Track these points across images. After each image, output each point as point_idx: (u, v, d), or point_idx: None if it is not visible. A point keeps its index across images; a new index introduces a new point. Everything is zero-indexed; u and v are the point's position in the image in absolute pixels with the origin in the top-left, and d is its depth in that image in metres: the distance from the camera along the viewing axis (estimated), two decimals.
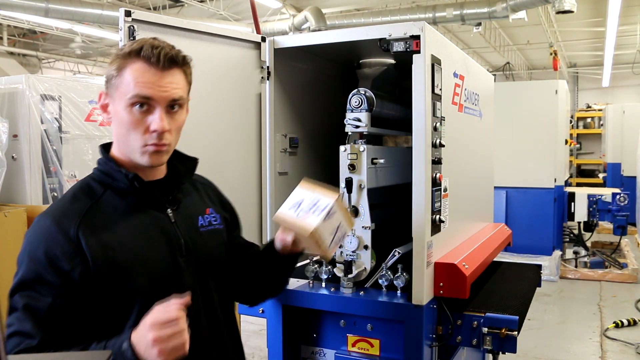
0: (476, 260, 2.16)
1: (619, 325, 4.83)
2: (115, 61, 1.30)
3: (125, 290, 1.28)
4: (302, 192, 1.43)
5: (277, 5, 8.85)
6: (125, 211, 1.34)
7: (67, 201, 1.32)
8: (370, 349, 2.04)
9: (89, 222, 1.28)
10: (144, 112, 1.28)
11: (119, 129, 1.32)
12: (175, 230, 1.39)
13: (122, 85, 1.28)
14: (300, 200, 1.40)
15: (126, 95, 1.27)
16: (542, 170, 6.42)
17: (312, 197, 1.41)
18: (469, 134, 2.53)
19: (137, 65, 1.28)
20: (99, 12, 7.95)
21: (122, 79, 1.28)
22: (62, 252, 1.23)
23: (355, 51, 2.41)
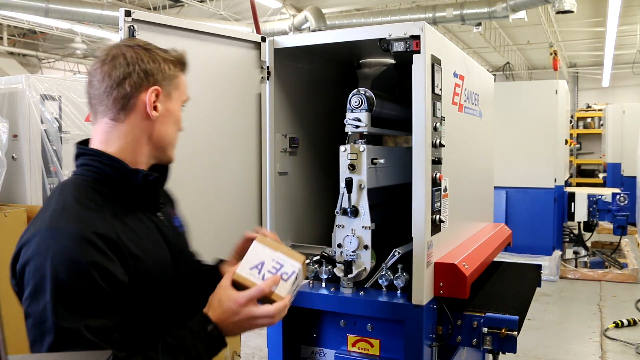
0: (476, 260, 2.16)
1: (619, 325, 4.83)
2: (175, 64, 1.34)
3: (155, 298, 1.27)
4: (261, 252, 1.29)
5: (277, 5, 8.85)
6: (132, 216, 1.27)
7: (75, 207, 1.18)
8: (370, 349, 2.04)
9: (117, 231, 1.19)
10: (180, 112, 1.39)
11: (167, 126, 1.33)
12: (168, 232, 1.37)
13: (181, 87, 1.36)
14: (261, 262, 1.27)
15: (183, 96, 1.37)
16: (542, 170, 6.42)
17: (273, 258, 1.27)
18: (469, 134, 2.53)
19: (180, 72, 1.37)
20: (99, 12, 7.96)
21: (180, 81, 1.36)
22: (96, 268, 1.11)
23: (355, 51, 2.41)
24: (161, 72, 1.30)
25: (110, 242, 1.15)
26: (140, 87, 1.27)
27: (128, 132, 1.28)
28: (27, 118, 3.69)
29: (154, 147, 1.33)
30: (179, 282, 1.35)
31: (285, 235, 2.30)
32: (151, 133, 1.31)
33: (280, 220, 2.26)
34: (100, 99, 1.27)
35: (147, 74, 1.27)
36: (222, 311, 1.23)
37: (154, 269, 1.26)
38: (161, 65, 1.30)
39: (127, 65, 1.26)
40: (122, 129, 1.28)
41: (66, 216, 1.16)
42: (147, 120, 1.29)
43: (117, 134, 1.28)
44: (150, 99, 1.28)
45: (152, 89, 1.28)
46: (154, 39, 1.83)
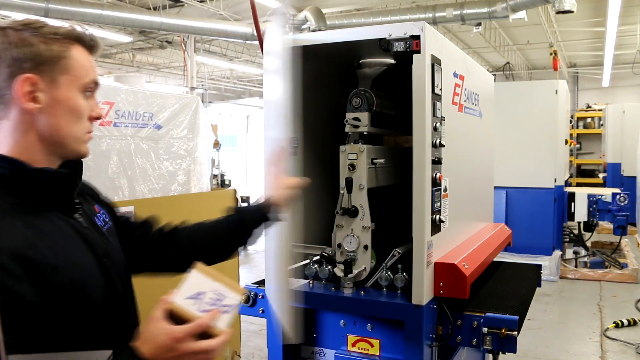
0: (476, 260, 2.16)
1: (619, 325, 4.83)
2: (56, 40, 1.14)
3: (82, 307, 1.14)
4: (200, 281, 1.18)
5: (277, 5, 8.85)
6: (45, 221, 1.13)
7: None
8: (370, 349, 2.04)
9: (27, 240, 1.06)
10: (87, 99, 1.19)
11: (57, 118, 1.14)
12: (89, 234, 1.23)
13: (75, 69, 1.16)
14: (199, 292, 1.16)
15: (82, 79, 1.17)
16: (542, 170, 6.42)
17: (213, 290, 1.17)
18: (469, 134, 2.53)
19: (80, 49, 1.18)
20: (99, 12, 7.96)
21: (74, 61, 1.16)
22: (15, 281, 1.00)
23: (355, 51, 2.41)
24: (38, 56, 1.11)
25: (20, 258, 1.02)
26: (11, 77, 1.10)
27: (12, 130, 1.13)
28: None
29: (48, 143, 1.16)
30: (108, 286, 1.22)
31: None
32: (38, 128, 1.14)
33: None
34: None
35: (18, 60, 1.10)
36: (156, 346, 1.06)
37: (77, 277, 1.13)
38: (39, 48, 1.11)
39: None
40: (4, 127, 1.13)
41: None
42: (27, 113, 1.12)
43: (2, 132, 1.13)
44: (21, 89, 1.10)
45: (22, 78, 1.10)
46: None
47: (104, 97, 4.03)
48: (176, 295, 1.15)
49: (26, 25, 1.13)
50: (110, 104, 4.04)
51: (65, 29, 1.16)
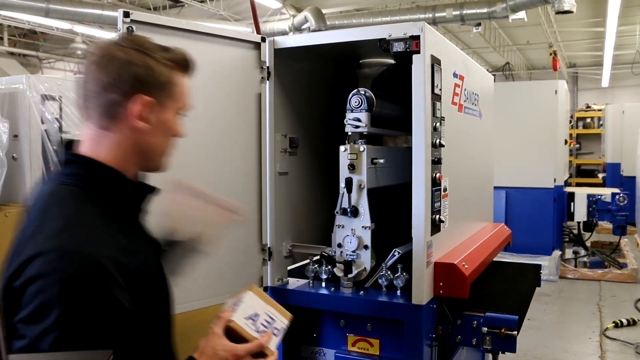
0: (476, 260, 2.17)
1: (619, 325, 4.83)
2: (171, 69, 1.22)
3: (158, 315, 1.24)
4: (255, 303, 1.31)
5: (277, 5, 8.85)
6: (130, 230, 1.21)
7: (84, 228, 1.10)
8: (370, 348, 2.05)
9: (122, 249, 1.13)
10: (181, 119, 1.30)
11: (157, 138, 1.22)
12: (152, 239, 1.34)
13: (177, 94, 1.24)
14: (255, 313, 1.29)
15: (179, 104, 1.25)
16: (541, 170, 6.42)
17: (266, 312, 1.31)
18: (468, 134, 2.53)
19: (182, 74, 1.26)
20: (99, 13, 7.96)
21: (182, 88, 1.25)
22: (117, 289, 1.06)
23: (355, 51, 2.41)
24: (153, 79, 1.18)
25: (120, 267, 1.08)
26: (128, 96, 1.15)
27: (117, 142, 1.19)
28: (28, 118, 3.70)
29: (143, 158, 1.23)
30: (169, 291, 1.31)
31: (285, 236, 2.30)
32: (140, 144, 1.21)
33: (280, 220, 2.26)
34: (88, 102, 1.19)
35: (137, 81, 1.16)
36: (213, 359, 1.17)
37: (154, 285, 1.21)
38: (154, 71, 1.18)
39: (116, 70, 1.15)
40: (110, 138, 1.18)
41: (73, 236, 1.06)
42: (135, 131, 1.18)
43: (106, 142, 1.19)
44: (137, 110, 1.16)
45: (140, 99, 1.16)
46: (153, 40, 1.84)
47: None
48: (235, 314, 1.25)
49: (141, 46, 1.19)
50: None
51: (178, 56, 1.24)
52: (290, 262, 2.32)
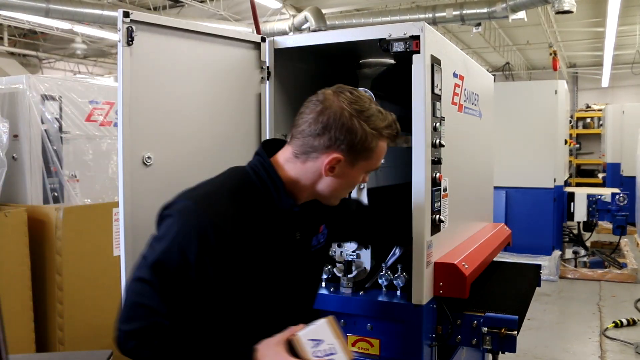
0: (476, 260, 2.17)
1: (619, 325, 4.84)
2: (376, 138, 1.38)
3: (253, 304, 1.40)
4: (324, 331, 1.39)
5: (277, 5, 8.85)
6: (266, 229, 1.39)
7: (227, 199, 1.34)
8: (370, 348, 2.05)
9: (240, 231, 1.32)
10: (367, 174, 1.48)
11: (335, 184, 1.41)
12: (296, 252, 1.49)
13: (373, 159, 1.41)
14: (320, 339, 1.37)
15: (371, 167, 1.43)
16: (541, 170, 6.42)
17: (330, 343, 1.38)
18: (468, 134, 2.53)
19: (383, 143, 1.41)
20: (99, 13, 7.96)
21: (375, 154, 1.40)
22: (211, 259, 1.27)
23: (355, 51, 2.41)
24: (358, 146, 1.35)
25: (226, 238, 1.28)
26: (328, 149, 1.35)
27: (302, 172, 1.39)
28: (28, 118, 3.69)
29: (315, 193, 1.43)
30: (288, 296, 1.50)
31: None
32: (319, 184, 1.41)
33: None
34: (296, 131, 1.39)
35: (340, 141, 1.33)
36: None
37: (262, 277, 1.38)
38: (363, 140, 1.35)
39: (328, 124, 1.32)
40: (299, 166, 1.39)
41: (215, 201, 1.32)
42: (320, 175, 1.39)
43: (293, 166, 1.40)
44: (328, 164, 1.36)
45: (334, 156, 1.35)
46: (153, 40, 1.84)
47: (104, 97, 4.03)
48: (303, 331, 1.35)
49: (363, 112, 1.35)
50: (110, 104, 4.05)
51: (387, 123, 1.39)
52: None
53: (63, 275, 3.19)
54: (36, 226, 3.25)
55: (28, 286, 3.14)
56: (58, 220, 3.21)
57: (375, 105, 1.40)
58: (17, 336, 3.03)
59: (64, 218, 3.20)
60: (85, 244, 3.32)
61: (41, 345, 3.19)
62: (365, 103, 1.37)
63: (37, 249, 3.22)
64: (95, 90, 4.04)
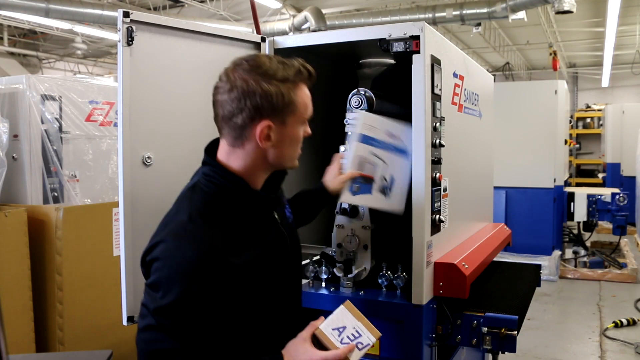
0: (476, 260, 2.16)
1: (619, 325, 4.84)
2: (285, 86, 1.34)
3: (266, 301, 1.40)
4: (345, 317, 1.41)
5: (277, 5, 8.85)
6: (248, 223, 1.39)
7: (200, 224, 1.31)
8: (370, 348, 2.04)
9: (229, 247, 1.31)
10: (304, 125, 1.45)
11: (282, 149, 1.39)
12: (282, 230, 1.49)
13: (299, 109, 1.38)
14: (342, 326, 1.39)
15: (304, 116, 1.41)
16: (541, 170, 6.42)
17: (354, 326, 1.40)
18: (468, 134, 2.53)
19: (302, 86, 1.39)
20: (99, 13, 7.96)
21: (299, 103, 1.37)
22: (212, 286, 1.26)
23: (355, 51, 2.41)
24: (273, 104, 1.33)
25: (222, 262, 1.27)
26: (252, 121, 1.33)
27: (246, 157, 1.38)
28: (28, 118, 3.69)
29: (271, 166, 1.43)
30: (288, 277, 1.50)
31: None
32: (267, 157, 1.39)
33: None
34: (222, 121, 1.38)
35: (258, 109, 1.32)
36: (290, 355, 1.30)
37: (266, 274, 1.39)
38: (273, 97, 1.32)
39: (240, 99, 1.32)
40: (240, 153, 1.38)
41: (190, 231, 1.29)
42: (262, 148, 1.36)
43: (237, 155, 1.38)
44: (261, 133, 1.34)
45: (262, 124, 1.33)
46: (153, 40, 1.84)
47: (104, 97, 4.03)
48: (324, 323, 1.37)
49: (259, 69, 1.33)
50: (110, 104, 4.05)
51: (294, 70, 1.36)
52: None
53: (63, 275, 3.19)
54: (36, 226, 3.25)
55: (28, 286, 3.13)
56: (58, 220, 3.20)
57: (275, 59, 1.37)
58: (17, 336, 3.03)
59: (63, 218, 3.20)
60: (85, 244, 3.32)
61: (41, 345, 3.19)
62: (264, 63, 1.34)
63: (37, 249, 3.22)
64: (95, 90, 4.04)
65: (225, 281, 1.28)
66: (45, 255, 3.23)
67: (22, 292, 3.10)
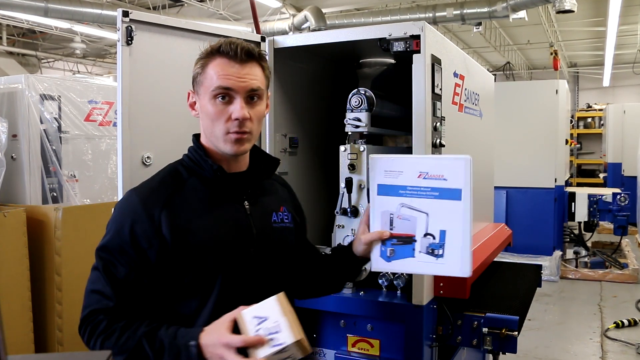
0: (476, 261, 2.15)
1: (620, 326, 4.82)
2: (199, 61, 1.44)
3: (201, 272, 1.40)
4: (272, 308, 1.28)
5: (277, 4, 8.84)
6: (206, 199, 1.45)
7: (155, 183, 1.46)
8: (370, 349, 2.04)
9: (172, 206, 1.40)
10: (225, 103, 1.40)
11: (204, 121, 1.44)
12: (250, 221, 1.48)
13: (206, 81, 1.41)
14: (265, 317, 1.27)
15: (210, 88, 1.40)
16: (542, 170, 6.41)
17: (276, 320, 1.26)
18: (469, 134, 2.52)
19: (217, 60, 1.41)
20: (99, 12, 7.94)
21: (206, 75, 1.41)
22: (143, 232, 1.36)
23: (355, 51, 2.40)
24: (195, 76, 1.45)
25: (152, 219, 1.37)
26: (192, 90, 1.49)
27: (202, 128, 1.49)
28: (27, 118, 3.68)
29: (212, 143, 1.46)
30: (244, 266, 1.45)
31: None
32: (205, 131, 1.47)
33: None
34: None
35: (192, 81, 1.47)
36: (209, 338, 1.28)
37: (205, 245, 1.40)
38: (196, 69, 1.44)
39: None
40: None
41: (145, 185, 1.46)
42: (197, 118, 1.49)
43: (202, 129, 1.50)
44: (188, 98, 1.49)
45: (188, 92, 1.49)
46: (152, 40, 1.84)
47: (103, 97, 4.03)
48: (250, 308, 1.30)
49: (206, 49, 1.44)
50: (110, 104, 4.04)
51: (207, 48, 1.44)
52: None
53: (62, 275, 3.19)
54: (35, 226, 3.24)
55: (27, 286, 3.13)
56: (57, 221, 3.20)
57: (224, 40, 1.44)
58: (16, 336, 3.02)
59: (63, 218, 3.20)
60: (85, 244, 3.31)
61: (40, 346, 3.18)
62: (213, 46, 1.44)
63: (36, 249, 3.21)
64: (95, 89, 4.03)
65: (163, 237, 1.36)
66: (45, 256, 3.23)
67: (21, 292, 3.10)
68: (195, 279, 1.40)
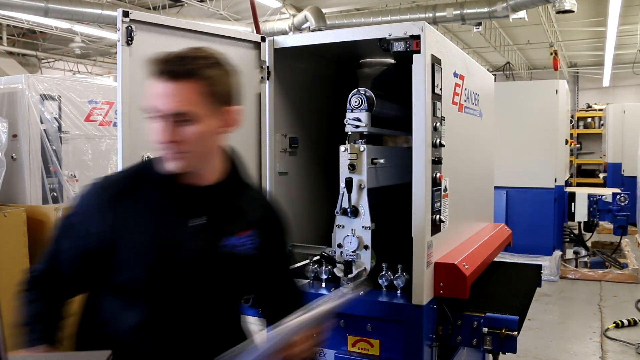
0: (476, 260, 2.16)
1: (619, 326, 4.82)
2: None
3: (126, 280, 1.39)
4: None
5: (277, 5, 8.84)
6: (155, 206, 1.40)
7: (120, 175, 1.53)
8: (370, 349, 2.04)
9: (119, 204, 1.39)
10: (157, 123, 1.32)
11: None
12: (189, 241, 1.38)
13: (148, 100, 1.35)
14: None
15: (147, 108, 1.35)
16: (542, 170, 6.41)
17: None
18: (469, 134, 2.52)
19: (157, 79, 1.32)
20: (99, 12, 7.94)
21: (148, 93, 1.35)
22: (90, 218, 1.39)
23: (355, 51, 2.40)
24: None
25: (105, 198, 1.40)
26: None
27: None
28: (27, 118, 3.69)
29: None
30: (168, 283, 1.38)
31: None
32: None
33: None
34: None
35: None
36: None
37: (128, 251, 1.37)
38: None
39: None
40: None
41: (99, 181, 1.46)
42: None
43: None
44: None
45: None
46: (152, 40, 1.84)
47: (103, 97, 4.03)
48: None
49: None
50: (110, 104, 4.04)
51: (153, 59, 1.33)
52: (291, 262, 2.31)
53: None
54: (35, 226, 3.24)
55: None
56: (57, 221, 3.20)
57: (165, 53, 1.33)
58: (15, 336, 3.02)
59: None
60: None
61: None
62: None
63: (36, 249, 3.21)
64: (95, 90, 4.04)
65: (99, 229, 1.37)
66: None
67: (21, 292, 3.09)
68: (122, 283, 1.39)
